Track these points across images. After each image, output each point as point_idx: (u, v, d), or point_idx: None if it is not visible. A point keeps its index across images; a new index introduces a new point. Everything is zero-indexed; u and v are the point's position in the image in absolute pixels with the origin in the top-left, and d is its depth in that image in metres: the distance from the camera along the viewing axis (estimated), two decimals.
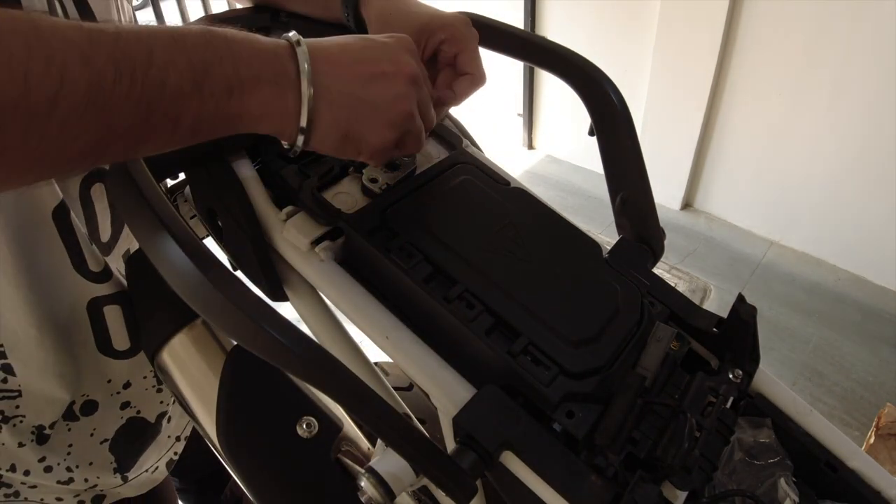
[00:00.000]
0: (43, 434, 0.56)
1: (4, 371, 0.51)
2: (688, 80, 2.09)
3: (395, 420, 0.35)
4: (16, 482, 0.56)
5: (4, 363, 0.51)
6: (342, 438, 0.52)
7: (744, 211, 2.25)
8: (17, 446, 0.54)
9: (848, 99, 1.80)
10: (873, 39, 1.68)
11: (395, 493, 0.39)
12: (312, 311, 0.49)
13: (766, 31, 1.88)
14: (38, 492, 0.58)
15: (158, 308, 0.55)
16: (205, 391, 0.52)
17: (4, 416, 0.53)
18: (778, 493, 0.44)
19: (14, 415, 0.53)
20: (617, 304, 0.44)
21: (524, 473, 0.38)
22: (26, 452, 0.55)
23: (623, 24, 2.22)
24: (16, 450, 0.55)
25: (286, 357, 0.34)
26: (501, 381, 0.40)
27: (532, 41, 0.57)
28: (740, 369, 0.46)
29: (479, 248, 0.46)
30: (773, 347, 1.81)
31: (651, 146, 2.23)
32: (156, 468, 0.68)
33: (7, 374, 0.51)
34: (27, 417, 0.54)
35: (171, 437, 0.70)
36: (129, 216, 0.39)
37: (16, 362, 0.51)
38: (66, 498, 0.60)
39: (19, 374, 0.52)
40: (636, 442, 0.40)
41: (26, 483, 0.57)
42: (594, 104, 0.54)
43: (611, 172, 0.54)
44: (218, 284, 0.34)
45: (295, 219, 0.47)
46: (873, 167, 1.84)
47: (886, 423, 1.33)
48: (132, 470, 0.65)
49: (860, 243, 1.98)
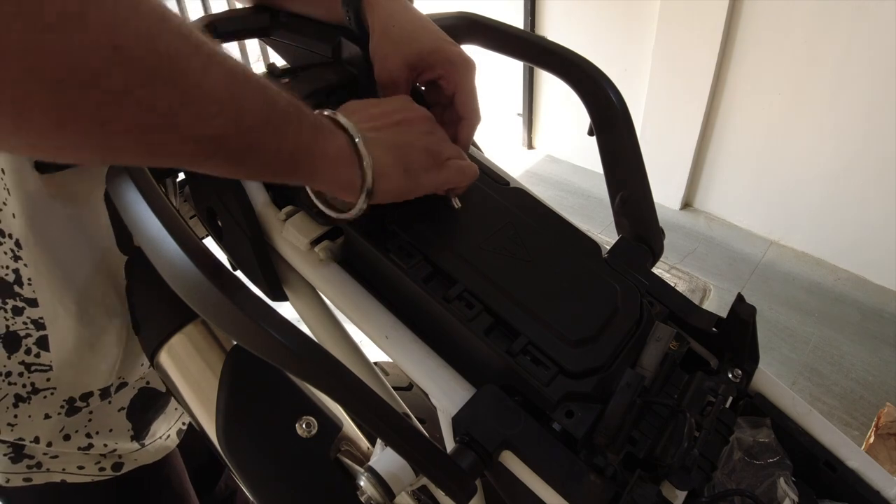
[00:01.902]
0: (74, 406, 0.59)
1: (39, 346, 0.54)
2: (688, 80, 2.09)
3: (395, 420, 0.35)
4: (38, 453, 0.59)
5: (42, 335, 0.54)
6: (342, 438, 0.52)
7: (743, 211, 2.25)
8: (44, 418, 0.57)
9: (848, 99, 1.81)
10: (873, 39, 1.68)
11: (395, 492, 0.39)
12: (312, 311, 0.50)
13: (765, 31, 1.88)
14: (59, 462, 0.60)
15: (158, 308, 0.55)
16: (204, 391, 0.52)
17: (35, 388, 0.55)
18: (777, 493, 0.44)
19: (45, 387, 0.56)
20: (616, 304, 0.44)
21: (523, 473, 0.38)
22: (52, 424, 0.58)
23: (623, 24, 2.22)
24: (41, 421, 0.57)
25: (286, 357, 0.34)
26: (501, 380, 0.40)
27: (532, 41, 0.57)
28: (739, 369, 0.46)
29: (478, 247, 0.46)
30: (773, 347, 1.81)
31: (651, 146, 2.23)
32: (168, 436, 0.72)
33: (41, 349, 0.54)
34: (58, 390, 0.57)
35: (177, 409, 0.73)
36: (129, 216, 0.39)
37: (53, 333, 0.54)
38: (87, 465, 0.62)
39: (53, 349, 0.54)
40: (635, 441, 0.40)
41: (48, 454, 0.59)
42: (594, 104, 0.54)
43: (610, 172, 0.54)
44: (218, 284, 0.34)
45: (294, 219, 0.47)
46: (873, 167, 1.84)
47: (886, 423, 1.33)
48: (147, 437, 0.68)
49: (860, 243, 1.98)
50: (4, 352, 0.53)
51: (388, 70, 0.49)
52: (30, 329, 0.53)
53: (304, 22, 0.56)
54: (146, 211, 0.38)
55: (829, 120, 1.87)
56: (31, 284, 0.51)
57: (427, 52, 0.48)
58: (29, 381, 0.55)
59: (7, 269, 0.50)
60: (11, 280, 0.51)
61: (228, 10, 0.59)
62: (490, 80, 0.72)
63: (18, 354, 0.53)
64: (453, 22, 0.58)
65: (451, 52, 0.48)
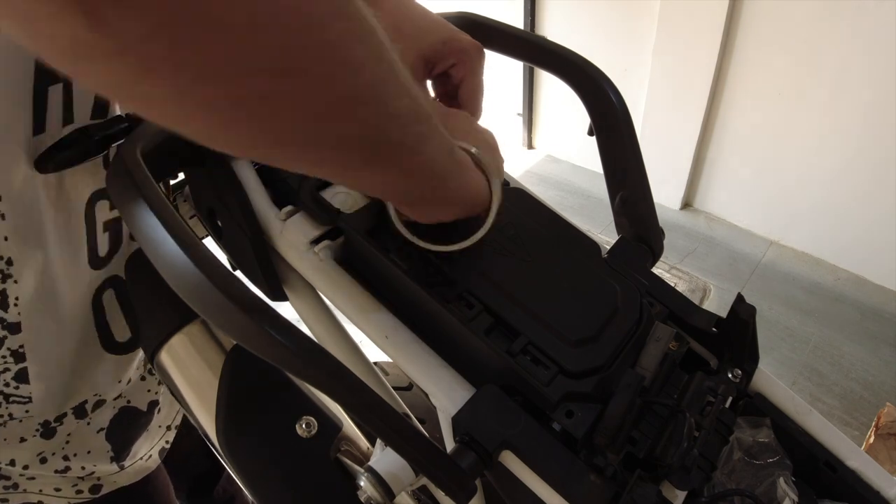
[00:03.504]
0: (49, 428, 0.57)
1: (18, 380, 0.52)
2: (688, 80, 2.09)
3: (395, 420, 0.35)
4: (14, 474, 0.57)
5: (21, 368, 0.51)
6: (341, 438, 0.52)
7: (743, 210, 2.25)
8: (19, 441, 0.55)
9: (848, 99, 1.81)
10: (873, 39, 1.68)
11: (395, 492, 0.39)
12: (312, 310, 0.50)
13: (766, 31, 1.88)
14: (36, 483, 0.59)
15: (158, 308, 0.55)
16: (204, 391, 0.52)
17: (12, 416, 0.54)
18: (777, 493, 0.44)
19: (23, 416, 0.54)
20: (616, 304, 0.44)
21: (523, 473, 0.38)
22: (28, 447, 0.56)
23: (623, 24, 2.22)
24: (17, 445, 0.55)
25: (286, 357, 0.34)
26: (501, 380, 0.40)
27: (532, 41, 0.57)
28: (739, 369, 0.46)
29: (478, 247, 0.46)
30: (773, 347, 1.81)
31: (651, 146, 2.23)
32: (149, 456, 0.70)
33: (20, 383, 0.52)
34: (34, 417, 0.55)
35: (161, 426, 0.71)
36: (129, 216, 0.39)
37: (33, 363, 0.52)
38: (64, 488, 0.61)
39: (33, 380, 0.52)
40: (635, 441, 0.40)
41: (24, 475, 0.58)
42: (594, 104, 0.54)
43: (610, 172, 0.54)
44: (218, 284, 0.34)
45: (294, 218, 0.47)
46: (873, 167, 1.84)
47: (886, 423, 1.33)
48: (127, 458, 0.66)
49: (860, 243, 1.99)
50: None
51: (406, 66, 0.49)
52: (8, 363, 0.50)
53: None
54: (146, 211, 0.38)
55: (829, 120, 1.87)
56: (18, 305, 0.48)
57: (441, 43, 0.48)
58: (7, 412, 0.53)
59: None
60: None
61: None
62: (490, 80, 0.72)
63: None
64: (453, 22, 0.58)
65: (463, 40, 0.49)
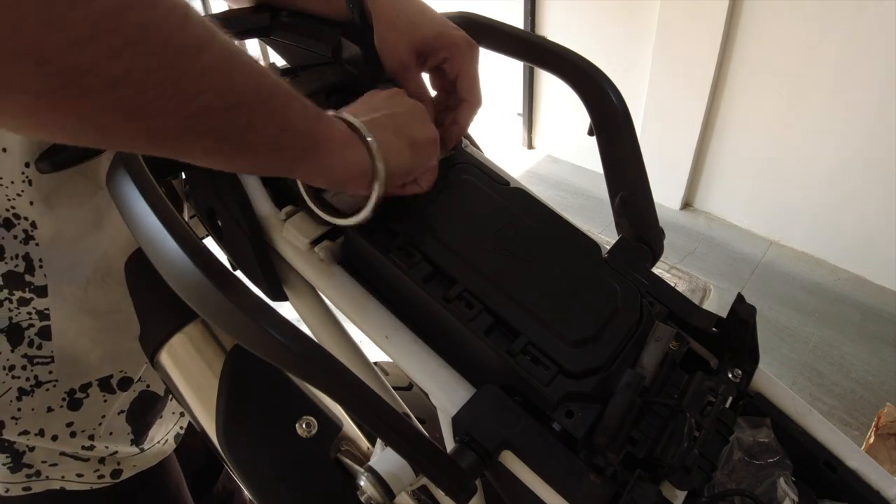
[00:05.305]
0: (75, 398, 0.59)
1: (41, 336, 0.55)
2: (687, 80, 2.09)
3: (395, 420, 0.35)
4: (36, 461, 0.59)
5: (45, 325, 0.54)
6: (342, 438, 0.52)
7: (743, 210, 2.25)
8: (47, 411, 0.57)
9: (848, 98, 1.80)
10: (873, 39, 1.68)
11: (395, 492, 0.39)
12: (312, 311, 0.50)
13: (765, 31, 1.88)
14: (58, 469, 0.60)
15: (158, 308, 0.55)
16: (204, 391, 0.52)
17: (38, 381, 0.56)
18: (777, 493, 0.44)
19: (48, 379, 0.57)
20: (616, 304, 0.44)
21: (523, 473, 0.38)
22: (56, 417, 0.58)
23: (623, 24, 2.22)
24: (45, 414, 0.57)
25: (286, 357, 0.34)
26: (501, 380, 0.40)
27: (532, 41, 0.57)
28: (739, 369, 0.46)
29: (478, 247, 0.46)
30: (773, 347, 1.81)
31: (651, 146, 2.23)
32: (166, 441, 0.72)
33: (42, 340, 0.55)
34: (59, 382, 0.57)
35: (174, 413, 0.74)
36: (129, 216, 0.39)
37: (56, 324, 0.55)
38: (86, 473, 0.63)
39: (55, 338, 0.55)
40: (635, 441, 0.40)
41: (47, 461, 0.59)
42: (594, 104, 0.54)
43: (610, 172, 0.54)
44: (218, 284, 0.34)
45: (294, 218, 0.47)
46: (873, 167, 1.84)
47: (886, 423, 1.33)
48: (146, 442, 0.68)
49: (860, 243, 1.98)
50: (8, 345, 0.53)
51: (397, 59, 0.50)
52: (33, 319, 0.54)
53: (303, 21, 0.56)
54: (146, 210, 0.38)
55: (829, 120, 1.87)
56: (43, 268, 0.52)
57: (432, 37, 0.49)
58: (32, 374, 0.55)
59: (17, 258, 0.51)
60: (22, 270, 0.51)
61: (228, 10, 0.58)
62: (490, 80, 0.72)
63: (21, 347, 0.54)
64: (454, 21, 0.58)
65: (455, 35, 0.50)
